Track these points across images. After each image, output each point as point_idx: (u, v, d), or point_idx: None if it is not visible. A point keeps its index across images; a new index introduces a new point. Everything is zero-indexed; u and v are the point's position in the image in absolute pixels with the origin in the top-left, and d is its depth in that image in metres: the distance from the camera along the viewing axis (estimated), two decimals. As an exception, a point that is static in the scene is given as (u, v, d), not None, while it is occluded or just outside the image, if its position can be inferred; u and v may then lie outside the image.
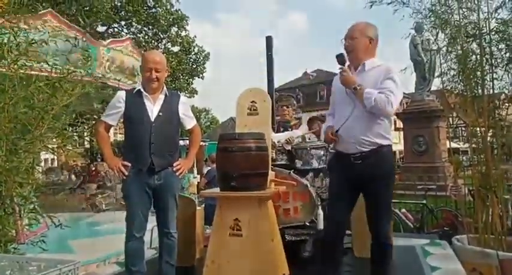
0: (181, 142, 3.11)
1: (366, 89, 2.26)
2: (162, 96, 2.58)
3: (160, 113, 2.52)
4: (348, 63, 2.38)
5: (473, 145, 4.01)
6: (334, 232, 2.42)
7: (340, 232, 2.45)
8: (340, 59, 2.38)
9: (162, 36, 17.52)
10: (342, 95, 2.39)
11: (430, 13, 4.08)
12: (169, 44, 18.09)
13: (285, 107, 3.88)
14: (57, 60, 3.54)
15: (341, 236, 2.46)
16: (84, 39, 6.66)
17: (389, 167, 2.43)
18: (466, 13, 3.86)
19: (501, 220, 3.70)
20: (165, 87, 2.61)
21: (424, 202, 6.00)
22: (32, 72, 3.23)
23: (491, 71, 3.78)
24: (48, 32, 4.31)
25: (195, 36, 18.69)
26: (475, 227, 3.87)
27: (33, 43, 3.09)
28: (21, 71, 2.94)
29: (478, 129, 3.92)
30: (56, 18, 6.42)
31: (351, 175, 2.32)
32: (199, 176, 10.33)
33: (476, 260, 3.50)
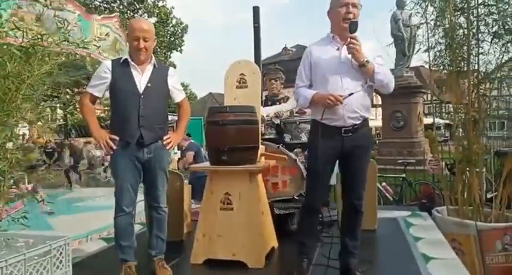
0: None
1: (374, 63, 2.22)
2: (150, 67, 2.45)
3: (149, 84, 2.40)
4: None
5: (456, 120, 4.08)
6: (319, 204, 2.42)
7: (321, 204, 2.48)
8: (355, 26, 2.19)
9: (138, 6, 16.80)
10: (336, 68, 2.25)
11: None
12: (145, 15, 17.41)
13: (273, 81, 3.81)
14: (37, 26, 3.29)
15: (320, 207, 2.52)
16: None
17: (371, 136, 2.53)
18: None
19: (479, 193, 3.84)
20: (153, 58, 2.48)
21: (404, 175, 6.17)
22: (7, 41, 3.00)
23: (477, 45, 3.80)
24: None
25: (173, 7, 18.07)
26: (455, 199, 4.00)
27: None
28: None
29: (461, 104, 3.98)
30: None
31: (337, 148, 2.28)
32: (179, 152, 10.19)
33: (455, 231, 3.64)
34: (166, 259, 2.60)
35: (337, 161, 2.38)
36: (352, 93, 2.20)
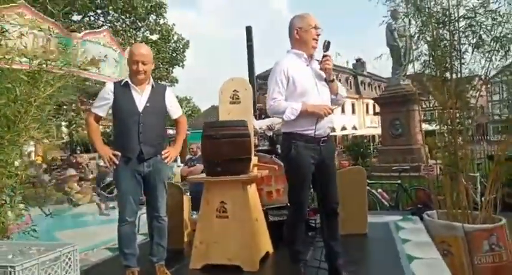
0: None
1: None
2: (149, 88, 2.68)
3: (148, 104, 2.63)
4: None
5: (443, 127, 4.26)
6: (305, 214, 2.60)
7: (306, 213, 2.65)
8: (328, 46, 2.46)
9: (140, 24, 17.26)
10: (313, 83, 2.47)
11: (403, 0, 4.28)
12: (147, 32, 17.86)
13: (266, 95, 4.02)
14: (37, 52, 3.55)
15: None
16: (57, 31, 6.64)
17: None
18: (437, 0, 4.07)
19: (467, 196, 4.00)
20: (151, 79, 2.72)
21: (399, 181, 6.32)
22: (14, 67, 3.25)
23: (459, 56, 4.02)
24: (25, 26, 4.26)
25: (174, 24, 18.51)
26: (445, 204, 4.16)
27: (3, 32, 3.10)
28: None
29: (446, 111, 4.16)
30: (29, 10, 6.38)
31: (317, 157, 2.46)
32: (182, 165, 10.37)
33: (444, 233, 3.79)
34: (168, 265, 2.79)
35: None
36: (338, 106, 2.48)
